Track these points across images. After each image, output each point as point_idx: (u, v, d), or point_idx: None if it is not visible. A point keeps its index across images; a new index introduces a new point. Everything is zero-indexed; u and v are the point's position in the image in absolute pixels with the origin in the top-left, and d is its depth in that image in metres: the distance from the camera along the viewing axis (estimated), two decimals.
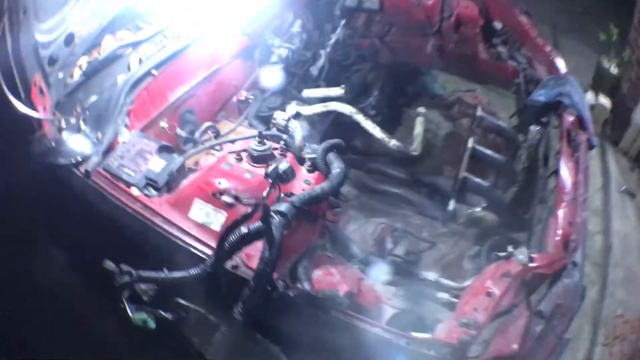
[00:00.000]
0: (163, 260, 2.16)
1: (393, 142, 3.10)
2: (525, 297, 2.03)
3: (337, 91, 3.17)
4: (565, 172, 2.53)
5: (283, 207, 2.05)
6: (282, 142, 2.47)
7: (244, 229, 1.95)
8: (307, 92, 3.23)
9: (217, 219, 2.23)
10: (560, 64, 3.24)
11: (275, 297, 1.98)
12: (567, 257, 2.15)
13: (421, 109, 3.33)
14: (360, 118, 3.08)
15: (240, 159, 2.37)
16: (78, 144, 2.41)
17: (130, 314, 2.08)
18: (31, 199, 2.43)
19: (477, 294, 2.04)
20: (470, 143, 3.15)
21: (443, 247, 3.09)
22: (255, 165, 2.35)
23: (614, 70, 5.03)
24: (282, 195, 2.21)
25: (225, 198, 2.23)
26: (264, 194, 2.05)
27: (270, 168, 2.20)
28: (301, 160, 2.49)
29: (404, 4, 3.66)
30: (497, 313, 1.96)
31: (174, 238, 2.18)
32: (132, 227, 2.26)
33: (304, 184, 2.39)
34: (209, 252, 2.11)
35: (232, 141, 2.52)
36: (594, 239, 4.15)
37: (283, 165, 2.22)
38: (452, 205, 3.04)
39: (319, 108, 3.12)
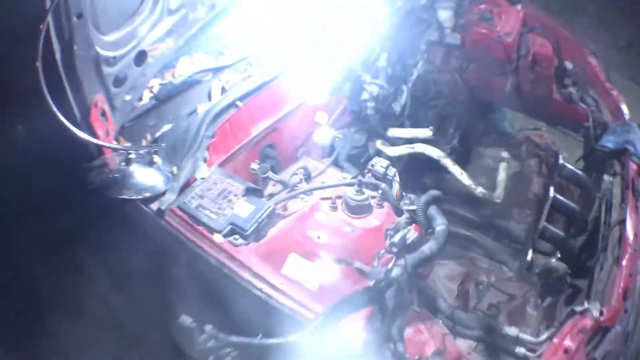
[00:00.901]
0: (246, 318, 1.81)
1: (479, 190, 2.72)
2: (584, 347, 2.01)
3: (426, 133, 2.76)
4: (631, 224, 2.39)
5: (395, 272, 1.74)
6: (379, 191, 2.05)
7: (354, 297, 1.71)
8: (393, 132, 2.82)
9: (315, 277, 1.81)
10: (625, 109, 3.04)
11: None
12: (624, 307, 2.14)
13: (504, 154, 2.97)
14: (448, 162, 2.68)
15: (334, 207, 1.98)
16: (149, 177, 2.01)
17: None
18: (85, 232, 2.06)
19: (557, 351, 1.96)
20: (552, 193, 2.87)
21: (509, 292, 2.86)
22: (352, 215, 1.94)
23: None
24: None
25: (325, 254, 1.83)
26: (389, 266, 1.71)
27: (397, 237, 1.79)
28: (399, 212, 2.06)
29: (484, 40, 3.31)
30: None
31: (264, 295, 1.78)
32: (213, 279, 1.87)
33: None
34: (304, 312, 1.74)
35: (325, 188, 2.09)
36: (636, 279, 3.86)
37: (411, 235, 1.84)
38: (529, 255, 2.74)
39: (405, 149, 2.72)
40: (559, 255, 2.74)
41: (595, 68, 3.15)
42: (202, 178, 2.10)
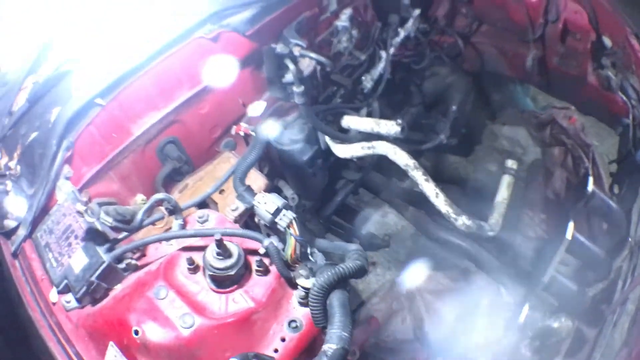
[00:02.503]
0: None
1: (462, 221, 1.79)
2: None
3: (391, 127, 1.84)
4: None
5: None
6: (263, 249, 1.30)
7: None
8: (348, 121, 1.95)
9: None
10: None
11: None
12: None
13: (512, 163, 1.97)
14: (418, 176, 1.79)
15: (194, 269, 1.30)
16: (10, 204, 1.60)
17: None
18: None
19: None
20: (569, 234, 1.89)
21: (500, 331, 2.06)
22: (213, 288, 1.26)
23: None
24: None
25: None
26: None
27: None
28: (292, 283, 1.32)
29: None
30: None
31: None
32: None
33: (287, 328, 1.26)
34: None
35: (167, 238, 1.37)
36: None
37: None
38: (524, 315, 1.83)
39: (360, 150, 1.88)
40: (563, 320, 1.88)
41: (639, 53, 2.03)
42: (60, 204, 1.52)
